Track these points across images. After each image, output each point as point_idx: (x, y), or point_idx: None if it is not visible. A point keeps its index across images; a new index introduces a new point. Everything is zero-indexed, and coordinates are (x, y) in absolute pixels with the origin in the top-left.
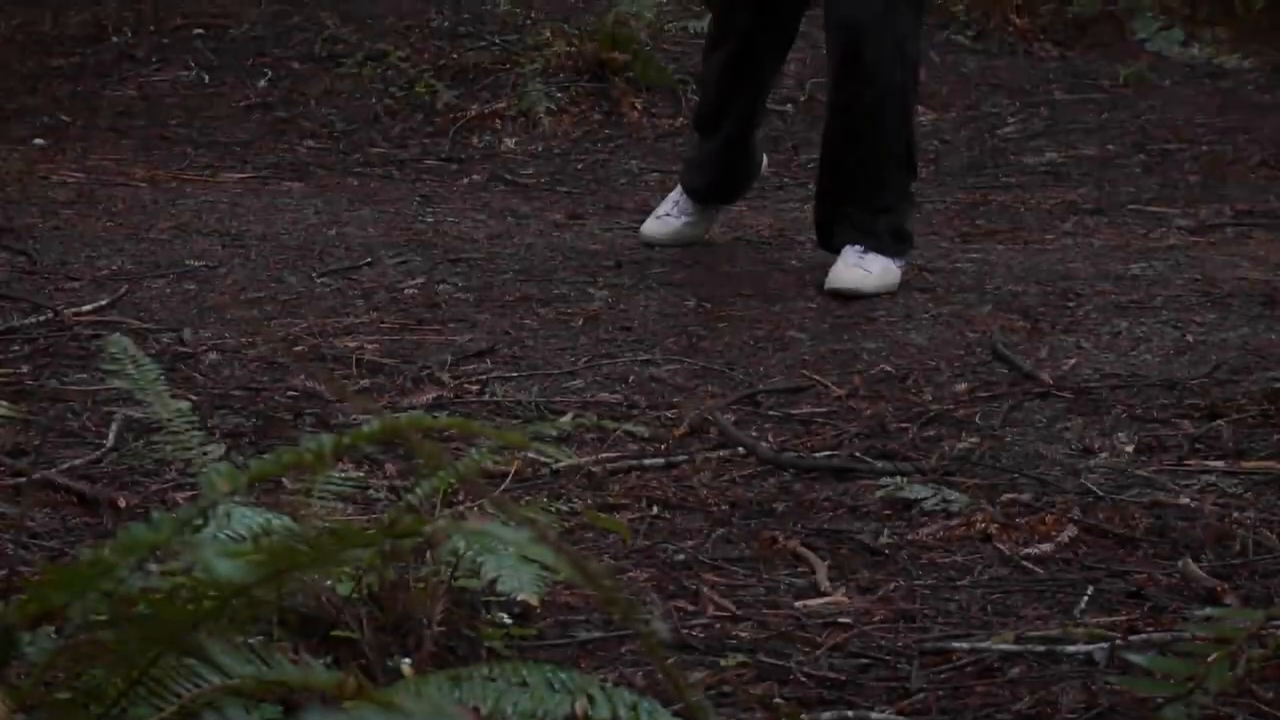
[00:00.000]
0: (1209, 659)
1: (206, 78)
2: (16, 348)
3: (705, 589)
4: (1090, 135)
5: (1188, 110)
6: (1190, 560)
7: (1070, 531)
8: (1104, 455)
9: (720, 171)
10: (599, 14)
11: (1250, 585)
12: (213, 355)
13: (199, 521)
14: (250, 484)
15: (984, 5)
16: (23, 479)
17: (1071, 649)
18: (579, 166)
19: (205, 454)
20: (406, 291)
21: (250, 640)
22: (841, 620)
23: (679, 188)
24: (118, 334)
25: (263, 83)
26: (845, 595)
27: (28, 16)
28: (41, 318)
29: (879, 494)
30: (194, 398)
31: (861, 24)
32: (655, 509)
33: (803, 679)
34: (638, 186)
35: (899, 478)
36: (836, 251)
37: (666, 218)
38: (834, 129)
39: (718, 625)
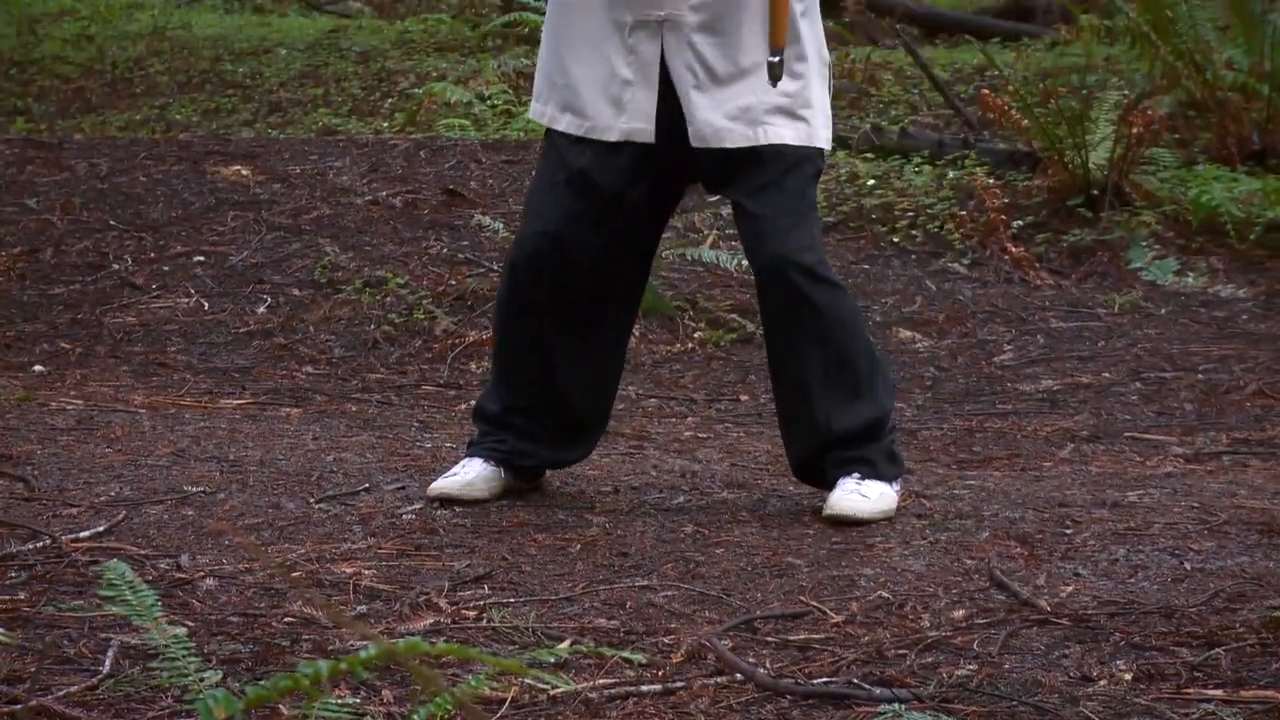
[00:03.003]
0: None
1: (206, 304)
2: (14, 574)
3: None
4: (1086, 363)
5: (1183, 338)
6: None
7: None
8: (1102, 683)
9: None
10: None
11: None
12: (210, 581)
13: None
14: (246, 710)
15: (980, 233)
16: (18, 705)
17: None
18: None
19: (201, 680)
20: (404, 517)
21: None
22: None
23: None
24: (115, 560)
25: (262, 309)
26: None
27: (30, 245)
28: (39, 544)
29: None
30: (190, 624)
31: (783, 255)
32: None
33: None
34: (635, 413)
35: (897, 705)
36: (830, 487)
37: None
38: (792, 373)
39: None
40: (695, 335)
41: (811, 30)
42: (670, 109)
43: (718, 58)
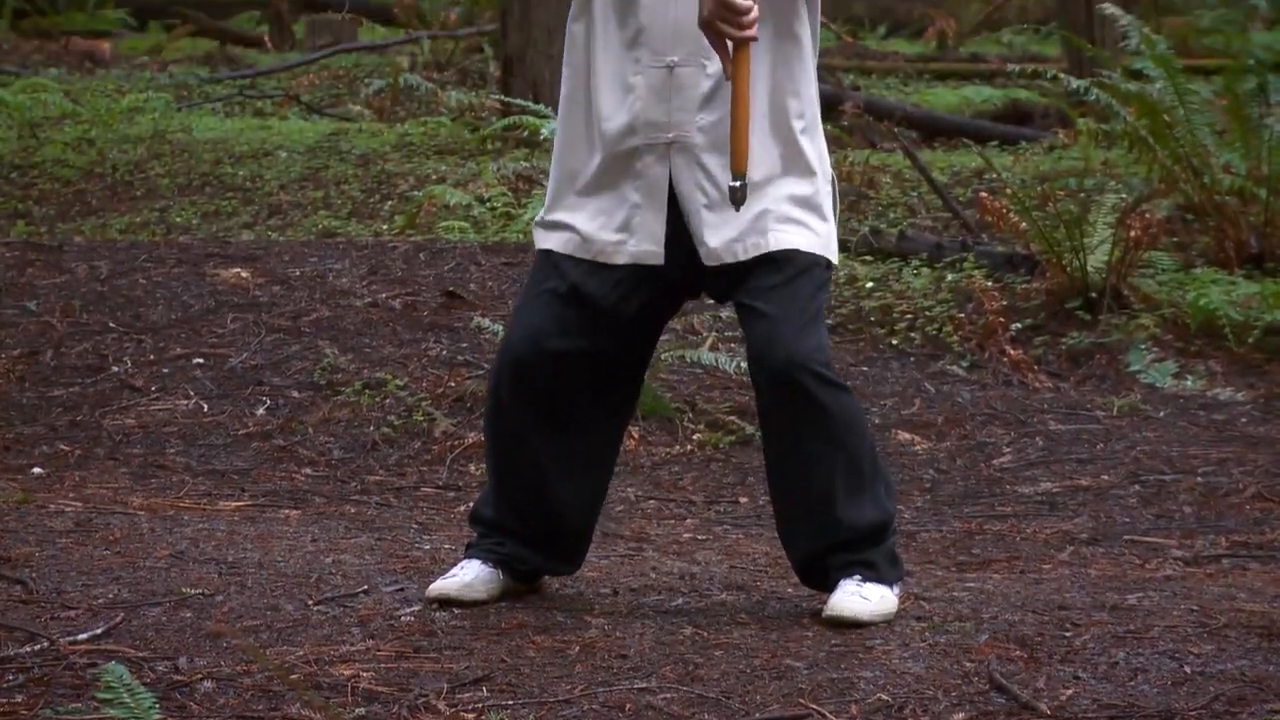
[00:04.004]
0: None
1: (205, 406)
2: (11, 677)
3: None
4: (1085, 466)
5: (1182, 441)
6: None
7: None
8: None
9: None
10: None
11: None
12: (208, 684)
13: None
14: None
15: (978, 336)
16: None
17: None
18: None
19: None
20: (403, 619)
21: None
22: None
23: None
24: (113, 662)
25: (261, 411)
26: None
27: (29, 347)
28: (37, 646)
29: None
30: None
31: (791, 357)
32: None
33: None
34: (634, 515)
35: None
36: (831, 589)
37: None
38: (798, 474)
39: None
40: (694, 437)
41: (813, 145)
42: (676, 229)
43: (728, 177)
